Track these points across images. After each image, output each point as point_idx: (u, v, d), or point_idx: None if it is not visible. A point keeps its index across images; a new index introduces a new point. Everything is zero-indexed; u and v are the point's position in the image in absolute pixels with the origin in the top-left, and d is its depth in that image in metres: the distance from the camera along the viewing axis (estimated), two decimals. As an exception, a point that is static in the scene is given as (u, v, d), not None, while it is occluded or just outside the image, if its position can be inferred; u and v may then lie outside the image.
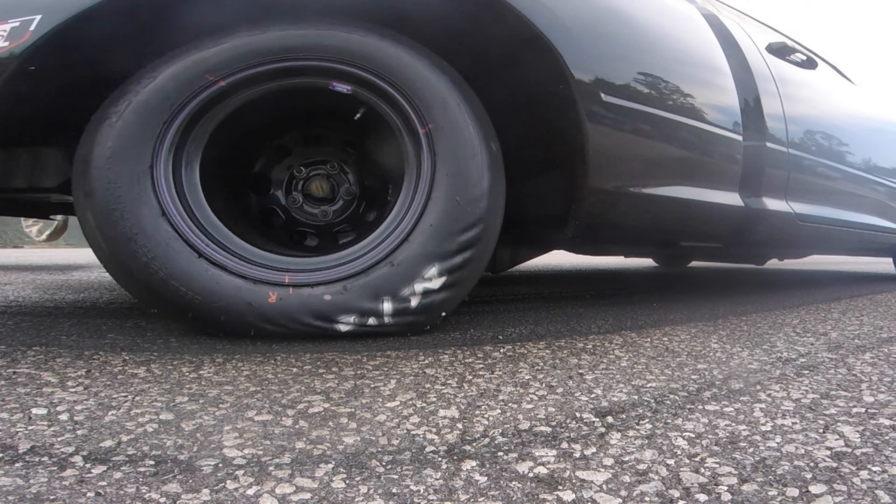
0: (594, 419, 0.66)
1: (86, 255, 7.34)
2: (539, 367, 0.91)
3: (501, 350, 1.03)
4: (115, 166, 1.07)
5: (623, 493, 0.47)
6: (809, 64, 2.12)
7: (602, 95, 1.19)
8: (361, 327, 1.07)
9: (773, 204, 1.68)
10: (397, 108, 1.14)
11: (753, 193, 1.61)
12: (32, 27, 1.10)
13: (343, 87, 1.16)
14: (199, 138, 1.16)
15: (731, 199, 1.53)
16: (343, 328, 1.07)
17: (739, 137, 1.51)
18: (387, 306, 1.07)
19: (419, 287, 1.07)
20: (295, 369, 0.88)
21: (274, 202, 1.40)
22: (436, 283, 1.08)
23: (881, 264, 4.90)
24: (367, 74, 1.12)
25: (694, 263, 4.60)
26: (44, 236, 3.82)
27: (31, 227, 4.06)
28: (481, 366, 0.91)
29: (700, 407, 0.71)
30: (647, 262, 4.87)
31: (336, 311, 1.06)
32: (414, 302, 1.08)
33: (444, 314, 1.14)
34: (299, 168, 1.38)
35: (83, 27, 1.11)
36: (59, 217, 3.16)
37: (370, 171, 1.41)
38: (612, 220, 1.35)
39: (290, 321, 1.05)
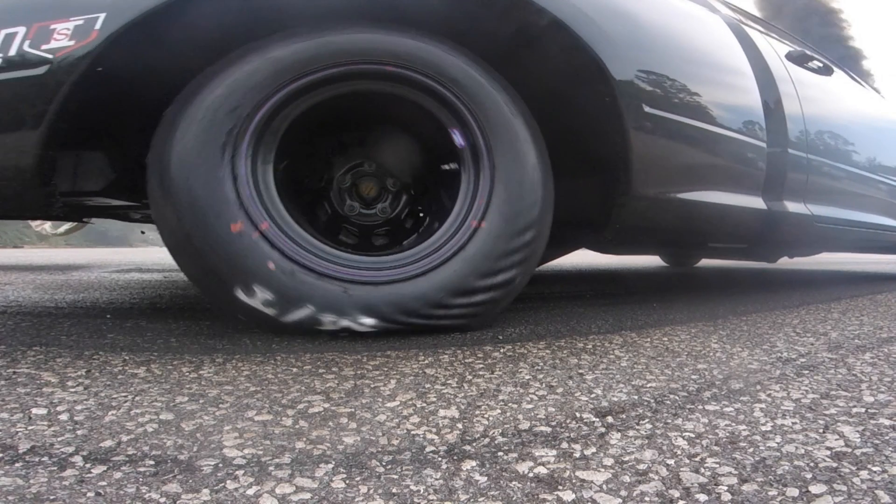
0: (594, 419, 0.66)
1: (86, 254, 7.34)
2: (539, 367, 0.91)
3: (501, 350, 1.03)
4: (194, 165, 1.07)
5: (623, 493, 0.47)
6: (826, 71, 2.21)
7: (644, 107, 1.28)
8: (430, 320, 1.13)
9: (793, 206, 1.76)
10: (459, 118, 1.19)
11: (775, 197, 1.69)
12: (98, 25, 1.09)
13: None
14: (272, 138, 1.16)
15: (756, 202, 1.62)
16: (418, 322, 1.12)
17: (763, 144, 1.60)
18: (455, 301, 1.13)
19: (481, 284, 1.14)
20: (295, 369, 0.88)
21: (325, 202, 1.40)
22: (494, 282, 1.15)
23: (882, 264, 4.90)
24: (433, 83, 1.17)
25: (698, 262, 4.60)
26: (61, 230, 3.68)
27: (42, 224, 3.94)
28: (481, 366, 0.92)
29: (700, 407, 0.71)
30: (647, 262, 4.87)
31: (412, 306, 1.11)
32: (476, 298, 1.15)
33: (499, 310, 1.22)
34: (348, 171, 1.39)
35: (151, 26, 1.10)
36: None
37: (414, 176, 1.44)
38: (650, 223, 1.44)
39: (373, 317, 1.09)
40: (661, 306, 1.69)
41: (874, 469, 0.52)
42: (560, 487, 0.48)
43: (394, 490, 0.48)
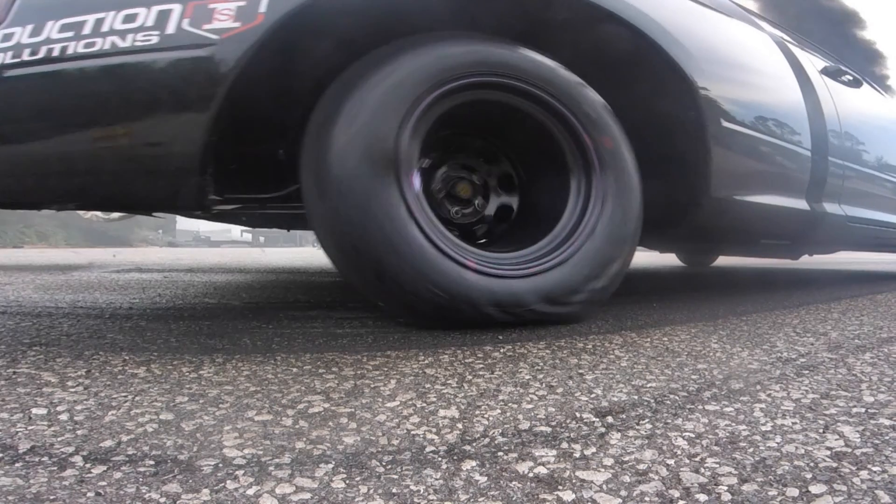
0: (594, 419, 0.66)
1: (86, 255, 7.34)
2: (539, 367, 0.91)
3: (501, 350, 1.03)
4: (359, 162, 1.08)
5: (623, 493, 0.47)
6: (855, 83, 2.44)
7: (722, 122, 1.47)
8: (547, 314, 1.21)
9: (830, 208, 1.96)
10: (572, 132, 1.30)
11: (816, 199, 1.89)
12: (262, 8, 1.05)
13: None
14: (419, 135, 1.17)
15: (801, 204, 1.82)
16: (543, 308, 1.20)
17: (808, 152, 1.80)
18: (568, 298, 1.23)
19: (591, 285, 1.24)
20: (295, 369, 0.88)
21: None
22: (600, 283, 1.26)
23: (882, 264, 4.90)
24: (551, 99, 1.27)
25: (713, 262, 4.60)
26: (114, 215, 3.45)
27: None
28: (481, 366, 0.91)
29: (700, 407, 0.71)
30: (647, 262, 4.87)
31: (542, 301, 1.20)
32: (584, 296, 1.24)
33: (598, 307, 1.33)
34: (453, 170, 1.45)
35: (316, 11, 1.08)
36: None
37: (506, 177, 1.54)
38: (718, 222, 1.61)
39: (511, 307, 1.17)
40: (661, 306, 1.69)
41: (874, 469, 0.51)
42: (560, 487, 0.48)
43: (394, 490, 0.48)
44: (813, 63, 2.12)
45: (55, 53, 1.03)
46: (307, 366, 0.91)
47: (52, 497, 0.45)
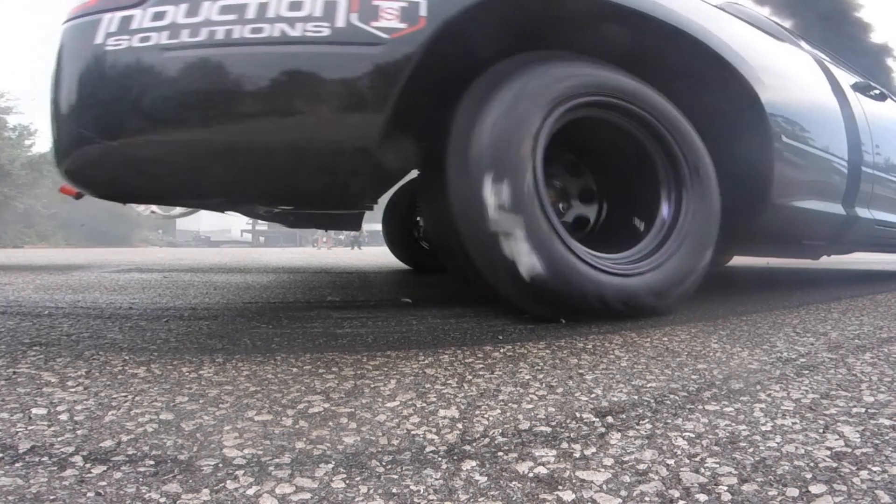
0: (594, 419, 0.66)
1: (86, 254, 7.33)
2: (539, 367, 0.91)
3: (501, 350, 1.03)
4: (496, 163, 1.14)
5: (623, 493, 0.47)
6: (882, 97, 2.63)
7: (783, 137, 1.66)
8: (654, 307, 1.38)
9: (861, 212, 2.16)
10: (666, 148, 1.45)
11: (850, 205, 2.09)
12: (423, 12, 1.06)
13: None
14: (543, 145, 1.25)
15: (837, 209, 2.02)
16: (652, 302, 1.36)
17: (845, 162, 2.01)
18: (672, 292, 1.39)
19: (685, 282, 1.40)
20: (295, 369, 0.88)
21: None
22: (691, 280, 1.42)
23: (882, 264, 4.90)
24: (653, 119, 1.43)
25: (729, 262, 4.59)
26: (174, 211, 3.24)
27: (149, 206, 3.50)
28: (481, 366, 0.91)
29: (700, 407, 0.71)
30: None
31: (651, 295, 1.34)
32: (680, 291, 1.41)
33: (684, 302, 1.49)
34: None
35: (470, 17, 1.11)
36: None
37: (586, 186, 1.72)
38: (773, 226, 1.81)
39: (631, 302, 1.31)
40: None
41: (874, 469, 0.51)
42: (560, 487, 0.48)
43: (394, 490, 0.48)
44: (846, 79, 2.33)
45: (219, 37, 1.00)
46: (307, 366, 0.91)
47: (52, 497, 0.45)
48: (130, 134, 1.05)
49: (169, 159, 1.09)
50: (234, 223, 23.53)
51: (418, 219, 3.10)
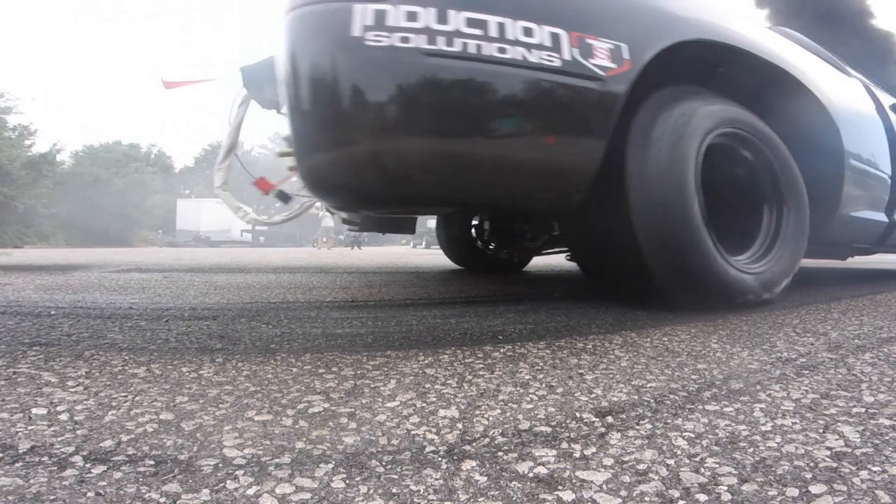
0: (594, 419, 0.66)
1: (86, 254, 7.33)
2: (539, 367, 0.90)
3: (501, 350, 1.03)
4: (669, 181, 1.36)
5: (623, 493, 0.47)
6: None
7: (852, 161, 1.99)
8: (765, 299, 1.62)
9: None
10: (770, 172, 1.71)
11: (891, 213, 2.44)
12: (626, 55, 1.21)
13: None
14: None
15: (882, 217, 2.37)
16: (766, 296, 1.62)
17: (889, 177, 2.35)
18: (775, 288, 1.66)
19: (784, 280, 1.69)
20: (295, 369, 0.88)
21: None
22: (788, 279, 1.71)
23: (882, 264, 4.89)
24: (764, 147, 1.69)
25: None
26: (280, 217, 3.01)
27: (246, 212, 3.26)
28: (481, 366, 0.91)
29: (700, 407, 0.71)
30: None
31: (763, 289, 1.60)
32: (780, 287, 1.68)
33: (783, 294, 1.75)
34: None
35: (657, 59, 1.30)
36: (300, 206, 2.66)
37: None
38: (839, 233, 2.13)
39: (751, 294, 1.56)
40: (661, 306, 1.69)
41: (874, 469, 0.51)
42: (560, 487, 0.48)
43: (394, 490, 0.48)
44: (887, 100, 2.66)
45: (471, 50, 1.04)
46: (307, 366, 0.90)
47: (52, 497, 0.45)
48: (400, 140, 1.07)
49: (437, 169, 1.12)
50: (235, 223, 23.54)
51: (475, 222, 3.35)
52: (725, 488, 0.48)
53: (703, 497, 0.46)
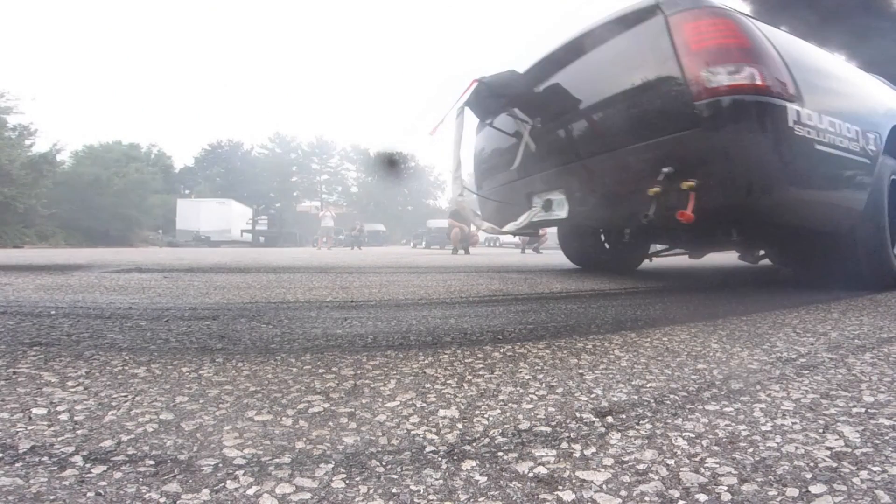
0: (594, 419, 0.66)
1: (86, 255, 7.32)
2: (539, 367, 0.91)
3: (501, 350, 1.03)
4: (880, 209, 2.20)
5: (623, 493, 0.47)
6: None
7: (891, 176, 2.43)
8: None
9: None
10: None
11: None
12: (882, 139, 2.16)
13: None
14: None
15: None
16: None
17: None
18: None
19: None
20: (295, 369, 0.88)
21: None
22: None
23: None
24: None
25: (703, 261, 4.59)
26: (510, 227, 2.97)
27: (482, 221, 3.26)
28: (481, 366, 0.91)
29: (700, 407, 0.71)
30: (647, 262, 4.85)
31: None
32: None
33: None
34: None
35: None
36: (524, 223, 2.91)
37: None
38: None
39: None
40: (661, 306, 1.69)
41: (874, 469, 0.51)
42: (560, 487, 0.48)
43: (394, 490, 0.48)
44: None
45: (826, 139, 1.92)
46: (307, 366, 0.90)
47: (52, 497, 0.45)
48: (795, 191, 1.94)
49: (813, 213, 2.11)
50: (235, 223, 23.52)
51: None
52: (725, 488, 0.48)
53: (703, 497, 0.46)
